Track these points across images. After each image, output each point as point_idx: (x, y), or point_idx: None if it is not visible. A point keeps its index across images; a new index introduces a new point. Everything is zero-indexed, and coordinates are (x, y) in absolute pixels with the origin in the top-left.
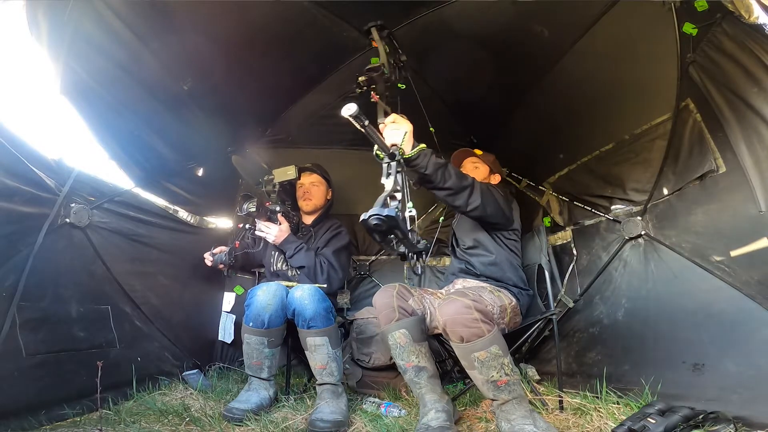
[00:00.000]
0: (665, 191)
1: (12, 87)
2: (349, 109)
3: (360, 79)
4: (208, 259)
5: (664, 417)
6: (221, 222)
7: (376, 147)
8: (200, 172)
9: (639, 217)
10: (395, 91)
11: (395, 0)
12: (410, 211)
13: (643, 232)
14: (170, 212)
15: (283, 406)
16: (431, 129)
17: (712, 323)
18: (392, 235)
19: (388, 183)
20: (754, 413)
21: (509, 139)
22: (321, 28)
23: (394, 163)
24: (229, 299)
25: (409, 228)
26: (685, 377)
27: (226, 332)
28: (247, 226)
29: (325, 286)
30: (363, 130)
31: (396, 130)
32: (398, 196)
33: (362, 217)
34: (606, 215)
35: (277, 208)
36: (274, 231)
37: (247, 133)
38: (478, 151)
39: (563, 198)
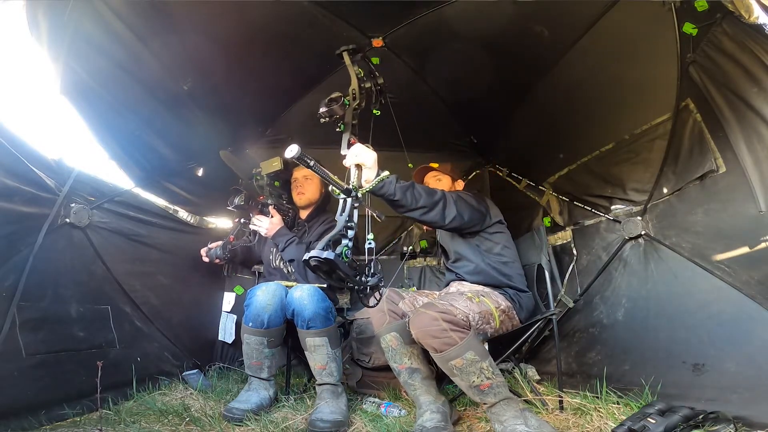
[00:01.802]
0: (665, 191)
1: (12, 87)
2: (291, 151)
3: (321, 111)
4: (204, 254)
5: (664, 417)
6: (221, 222)
7: (330, 185)
8: (200, 172)
9: (639, 217)
10: (370, 115)
11: (395, 0)
12: (369, 243)
13: (643, 232)
14: (170, 212)
15: (283, 406)
16: (409, 165)
17: (712, 323)
18: (335, 275)
19: (341, 220)
20: (754, 413)
21: (509, 139)
22: (321, 28)
23: (350, 200)
24: (229, 299)
25: (367, 259)
26: (685, 377)
27: (226, 332)
28: (242, 220)
29: (324, 285)
30: (311, 170)
31: (355, 164)
32: (350, 233)
33: (304, 257)
34: (606, 215)
35: (269, 201)
36: (265, 224)
37: (247, 133)
38: (434, 165)
39: (563, 198)
